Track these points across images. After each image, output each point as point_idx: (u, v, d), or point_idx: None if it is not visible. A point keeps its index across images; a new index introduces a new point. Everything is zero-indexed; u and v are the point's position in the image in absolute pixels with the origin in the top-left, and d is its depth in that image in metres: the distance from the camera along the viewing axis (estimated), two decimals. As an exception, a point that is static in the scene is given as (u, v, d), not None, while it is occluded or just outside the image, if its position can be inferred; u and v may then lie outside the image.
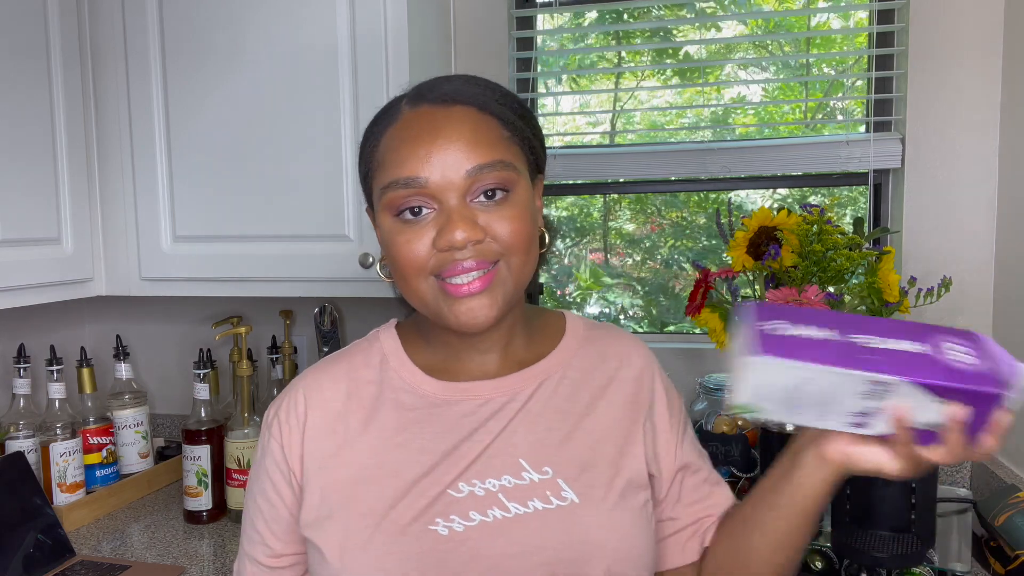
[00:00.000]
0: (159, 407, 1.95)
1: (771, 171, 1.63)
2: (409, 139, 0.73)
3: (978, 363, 0.62)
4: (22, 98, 1.36)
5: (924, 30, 1.50)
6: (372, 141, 0.78)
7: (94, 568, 1.29)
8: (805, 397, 0.63)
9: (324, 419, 0.81)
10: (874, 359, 0.62)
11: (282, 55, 1.42)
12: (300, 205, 1.44)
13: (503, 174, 0.73)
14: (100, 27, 1.50)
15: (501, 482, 0.76)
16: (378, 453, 0.78)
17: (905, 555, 1.04)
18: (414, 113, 0.75)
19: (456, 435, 0.78)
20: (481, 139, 0.72)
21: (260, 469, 0.83)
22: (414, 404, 0.80)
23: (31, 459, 1.46)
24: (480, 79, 0.79)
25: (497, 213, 0.73)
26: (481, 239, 0.72)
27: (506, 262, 0.74)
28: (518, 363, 0.83)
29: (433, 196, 0.72)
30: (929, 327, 0.65)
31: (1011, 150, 1.44)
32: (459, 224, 0.70)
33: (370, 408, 0.81)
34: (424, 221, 0.73)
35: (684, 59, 1.76)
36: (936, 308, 1.50)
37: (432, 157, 0.71)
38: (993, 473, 1.39)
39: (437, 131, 0.72)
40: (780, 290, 1.28)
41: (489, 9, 1.68)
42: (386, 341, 0.86)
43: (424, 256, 0.72)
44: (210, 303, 1.90)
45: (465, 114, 0.73)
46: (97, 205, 1.54)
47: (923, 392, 0.61)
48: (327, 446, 0.80)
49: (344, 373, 0.84)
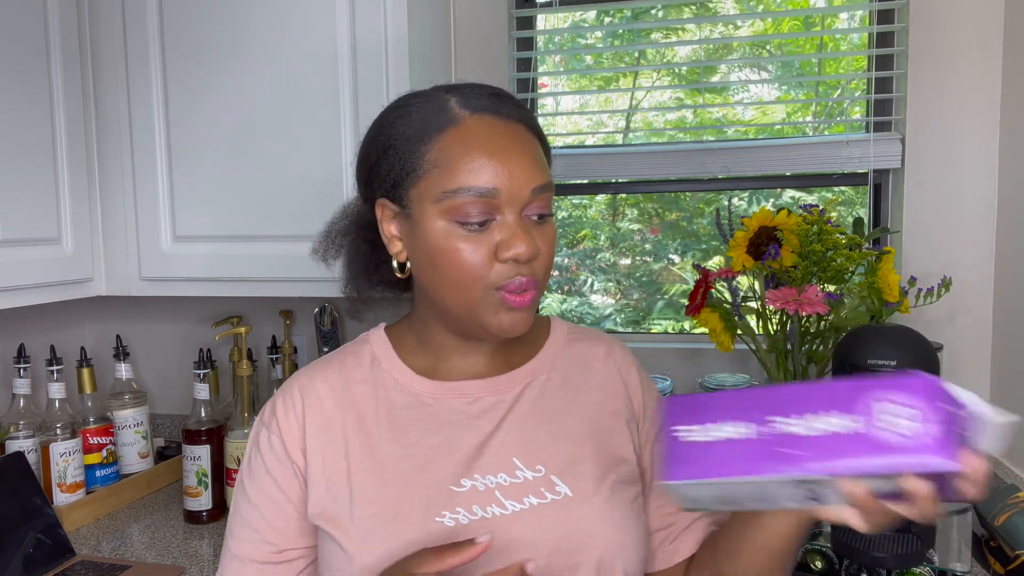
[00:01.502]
0: (159, 407, 1.95)
1: (771, 171, 1.63)
2: (482, 149, 0.73)
3: (920, 428, 0.52)
4: (22, 98, 1.36)
5: (924, 30, 1.50)
6: (418, 138, 0.76)
7: (94, 568, 1.29)
8: (739, 498, 0.61)
9: (320, 415, 0.83)
10: (798, 454, 0.55)
11: (282, 55, 1.42)
12: (300, 205, 1.44)
13: (551, 195, 0.77)
14: (100, 27, 1.50)
15: (498, 479, 0.78)
16: (375, 449, 0.80)
17: (905, 555, 1.04)
18: (478, 121, 0.75)
19: (449, 432, 0.80)
20: (539, 159, 0.76)
21: (256, 469, 0.84)
22: (406, 403, 0.82)
23: (31, 459, 1.46)
24: (511, 96, 0.81)
25: (543, 234, 0.76)
26: (538, 255, 0.75)
27: (542, 284, 0.78)
28: (506, 364, 0.86)
29: (499, 208, 0.74)
30: (860, 384, 0.55)
31: (1011, 150, 1.44)
32: (525, 239, 0.73)
33: (363, 406, 0.83)
34: (487, 231, 0.74)
35: (684, 60, 1.76)
36: (936, 308, 1.51)
37: (509, 170, 0.73)
38: (993, 473, 1.39)
39: (511, 144, 0.74)
40: (780, 290, 1.28)
41: (489, 9, 1.68)
42: (376, 343, 0.88)
43: (485, 266, 0.74)
44: (210, 303, 1.90)
45: (524, 133, 0.76)
46: (97, 205, 1.54)
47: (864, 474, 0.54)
48: (325, 440, 0.81)
49: (336, 373, 0.86)
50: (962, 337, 1.52)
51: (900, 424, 0.53)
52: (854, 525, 0.60)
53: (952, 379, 1.64)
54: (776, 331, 1.36)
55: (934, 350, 1.06)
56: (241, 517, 0.84)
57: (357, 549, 0.76)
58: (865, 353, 1.04)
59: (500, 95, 0.78)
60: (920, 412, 0.53)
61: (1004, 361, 1.46)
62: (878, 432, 0.53)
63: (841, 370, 1.09)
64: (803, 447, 0.55)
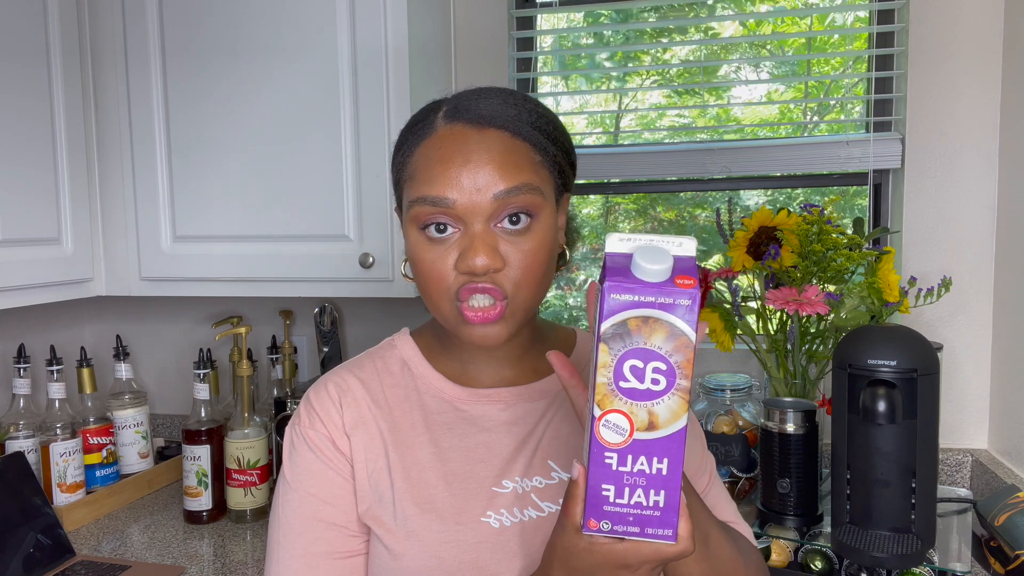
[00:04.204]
0: (159, 407, 1.95)
1: (771, 171, 1.63)
2: (440, 158, 0.74)
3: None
4: (22, 98, 1.37)
5: (924, 30, 1.50)
6: (405, 150, 0.78)
7: (94, 568, 1.29)
8: None
9: (357, 412, 0.82)
10: None
11: (281, 55, 1.42)
12: (300, 205, 1.44)
13: (528, 198, 0.74)
14: (100, 27, 1.50)
15: (533, 483, 0.79)
16: (413, 450, 0.80)
17: (905, 555, 1.04)
18: (448, 130, 0.75)
19: (484, 437, 0.81)
20: (510, 163, 0.74)
21: (307, 467, 0.81)
22: (440, 408, 0.83)
23: (31, 459, 1.46)
24: (518, 97, 0.78)
25: (518, 245, 0.74)
26: (500, 268, 0.73)
27: (515, 296, 0.75)
28: (534, 371, 0.86)
29: (459, 218, 0.73)
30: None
31: (1011, 150, 1.44)
32: (480, 250, 0.72)
33: (397, 409, 0.83)
34: (449, 241, 0.74)
35: (683, 61, 1.76)
36: (936, 308, 1.51)
37: (461, 180, 0.72)
38: (993, 473, 1.39)
39: (468, 153, 0.73)
40: (780, 290, 1.28)
41: (489, 9, 1.68)
42: (404, 348, 0.88)
43: (447, 276, 0.74)
44: (210, 303, 1.90)
45: (498, 138, 0.74)
46: (97, 205, 1.54)
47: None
48: (365, 438, 0.81)
49: (369, 374, 0.85)
50: (962, 337, 1.52)
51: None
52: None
53: (952, 379, 1.63)
54: (776, 331, 1.36)
55: (934, 350, 1.06)
56: (303, 518, 0.80)
57: (403, 548, 0.76)
58: (865, 353, 1.04)
59: (486, 97, 0.77)
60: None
61: (1004, 361, 1.46)
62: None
63: (841, 370, 1.09)
64: None
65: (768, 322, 1.36)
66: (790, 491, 1.23)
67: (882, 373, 1.03)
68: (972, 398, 1.52)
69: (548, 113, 0.79)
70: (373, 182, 1.41)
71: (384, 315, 1.80)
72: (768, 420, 1.25)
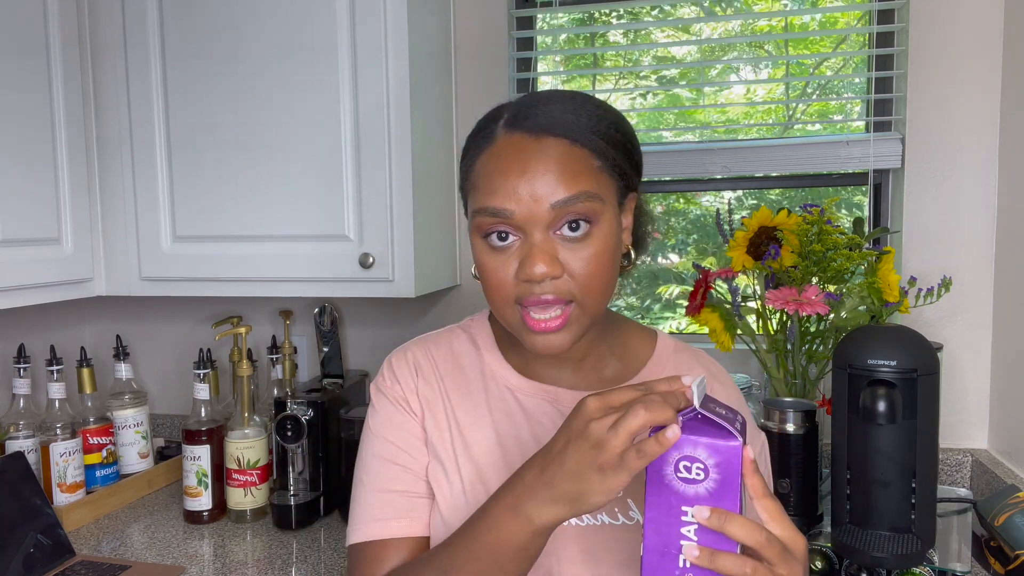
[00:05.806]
0: (159, 407, 1.95)
1: (771, 171, 1.63)
2: (500, 170, 0.75)
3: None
4: (22, 98, 1.36)
5: (924, 30, 1.50)
6: (468, 159, 0.80)
7: (94, 568, 1.29)
8: None
9: (429, 381, 0.88)
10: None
11: (281, 54, 1.42)
12: (300, 205, 1.44)
13: (587, 205, 0.74)
14: (100, 26, 1.50)
15: None
16: (472, 430, 0.84)
17: (905, 555, 1.04)
18: (507, 140, 0.76)
19: (538, 431, 0.84)
20: (568, 172, 0.74)
21: (388, 418, 0.87)
22: (501, 395, 0.86)
23: (31, 459, 1.46)
24: (579, 102, 0.78)
25: (577, 252, 0.75)
26: (559, 275, 0.74)
27: (580, 303, 0.76)
28: (598, 377, 0.87)
29: (519, 227, 0.74)
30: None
31: (1011, 150, 1.44)
32: (539, 259, 0.73)
33: (463, 386, 0.87)
34: (510, 249, 0.76)
35: (683, 60, 1.76)
36: (936, 308, 1.51)
37: (519, 190, 0.73)
38: (993, 473, 1.39)
39: (526, 163, 0.74)
40: (780, 290, 1.28)
41: (489, 9, 1.68)
42: (479, 331, 0.91)
43: (509, 284, 0.76)
44: (210, 303, 1.90)
45: (555, 147, 0.75)
46: (97, 205, 1.54)
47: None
48: (434, 408, 0.86)
49: (445, 350, 0.90)
50: (962, 337, 1.52)
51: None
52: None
53: (952, 379, 1.63)
54: (776, 331, 1.36)
55: (934, 350, 1.06)
56: (386, 460, 0.85)
57: (451, 516, 0.80)
58: (865, 353, 1.04)
59: (546, 103, 0.77)
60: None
61: (1004, 361, 1.46)
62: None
63: (841, 370, 1.09)
64: None
65: (768, 322, 1.36)
66: (790, 491, 1.23)
67: (882, 373, 1.03)
68: (972, 398, 1.52)
69: (610, 115, 0.79)
70: (373, 181, 1.41)
71: (384, 315, 1.80)
72: (768, 420, 1.25)
